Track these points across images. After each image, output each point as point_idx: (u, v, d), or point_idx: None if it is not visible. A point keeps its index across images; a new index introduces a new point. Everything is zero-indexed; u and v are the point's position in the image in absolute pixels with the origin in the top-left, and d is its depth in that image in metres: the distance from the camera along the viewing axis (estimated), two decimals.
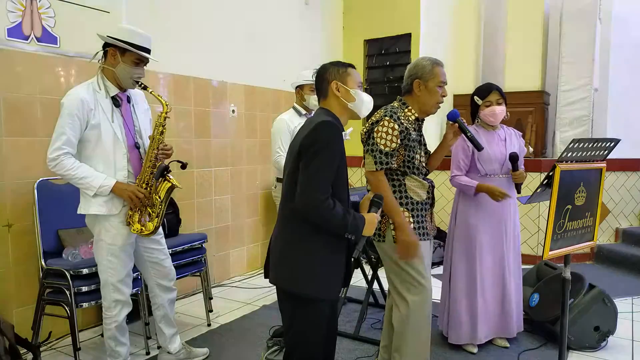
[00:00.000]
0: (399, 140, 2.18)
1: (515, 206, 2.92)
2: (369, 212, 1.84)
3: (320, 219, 1.67)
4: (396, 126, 2.17)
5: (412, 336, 2.25)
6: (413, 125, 2.26)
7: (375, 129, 2.20)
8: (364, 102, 1.87)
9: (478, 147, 2.39)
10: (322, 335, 1.81)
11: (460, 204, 2.90)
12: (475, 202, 2.82)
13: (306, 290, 1.74)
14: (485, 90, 2.84)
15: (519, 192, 2.88)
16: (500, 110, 2.80)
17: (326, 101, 1.87)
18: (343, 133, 1.78)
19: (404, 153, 2.22)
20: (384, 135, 2.17)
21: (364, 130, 2.28)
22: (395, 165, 2.22)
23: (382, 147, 2.17)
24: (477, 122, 2.91)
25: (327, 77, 1.85)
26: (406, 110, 2.27)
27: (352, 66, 1.91)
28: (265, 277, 1.92)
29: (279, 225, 1.85)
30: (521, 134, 3.03)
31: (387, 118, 2.18)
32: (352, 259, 1.86)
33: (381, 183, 2.20)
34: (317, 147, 1.64)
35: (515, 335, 2.96)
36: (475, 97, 2.85)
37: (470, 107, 2.94)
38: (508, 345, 2.95)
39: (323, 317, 1.80)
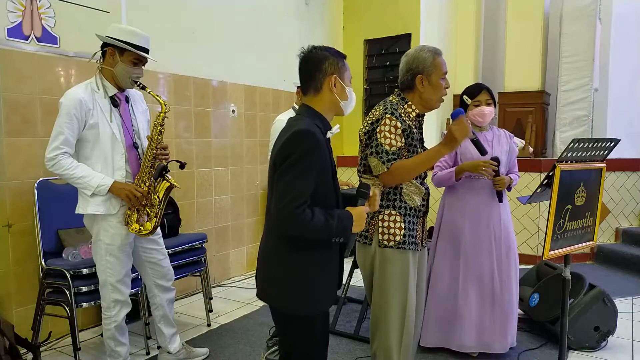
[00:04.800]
0: (402, 139, 2.00)
1: (505, 210, 2.77)
2: (355, 205, 1.64)
3: (299, 232, 1.52)
4: (399, 124, 1.98)
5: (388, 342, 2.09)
6: (414, 123, 2.08)
7: (377, 129, 2.00)
8: (352, 101, 1.69)
9: (482, 152, 2.17)
10: (316, 342, 1.72)
11: (446, 207, 2.80)
12: (460, 202, 2.73)
13: (296, 310, 1.63)
14: (475, 90, 2.76)
15: (500, 201, 2.72)
16: (489, 111, 2.71)
17: (317, 96, 1.64)
18: (329, 132, 1.64)
19: (406, 154, 2.03)
20: (387, 134, 1.98)
21: (363, 130, 2.08)
22: None
23: (387, 147, 1.98)
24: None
25: (324, 68, 1.62)
26: (406, 106, 2.08)
27: (345, 56, 1.71)
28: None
29: (265, 236, 1.71)
30: (512, 135, 2.91)
31: (388, 116, 1.99)
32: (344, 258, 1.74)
33: (397, 175, 1.98)
34: (290, 161, 1.49)
35: (502, 351, 2.74)
36: (465, 97, 2.77)
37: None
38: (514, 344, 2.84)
39: (316, 327, 1.70)
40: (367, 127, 2.07)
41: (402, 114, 2.04)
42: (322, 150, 1.54)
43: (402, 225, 2.04)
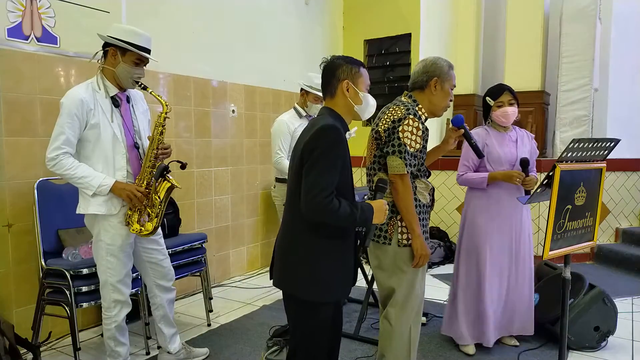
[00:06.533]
0: (422, 141, 2.08)
1: (528, 209, 2.90)
2: (374, 198, 1.80)
3: (327, 220, 1.64)
4: (420, 126, 2.06)
5: (400, 343, 2.15)
6: (424, 126, 2.15)
7: (400, 128, 2.03)
8: (369, 106, 1.83)
9: (479, 155, 2.41)
10: (326, 335, 1.79)
11: (470, 205, 2.88)
12: (485, 202, 2.81)
13: (309, 296, 1.72)
14: (497, 91, 2.83)
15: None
16: (512, 111, 2.80)
17: (333, 100, 1.81)
18: (347, 133, 1.74)
19: (419, 155, 2.12)
20: (409, 135, 2.03)
21: (383, 128, 2.08)
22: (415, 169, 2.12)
23: (408, 147, 2.03)
24: (489, 122, 2.91)
25: (338, 74, 1.78)
26: (417, 108, 2.15)
27: (364, 65, 1.84)
28: (271, 279, 1.90)
29: (283, 228, 1.82)
30: (533, 135, 3.02)
31: (411, 117, 2.04)
32: (360, 252, 1.87)
33: (408, 189, 2.05)
34: (318, 152, 1.62)
35: (517, 334, 2.95)
36: (487, 98, 2.85)
37: (482, 108, 2.95)
38: (518, 343, 2.95)
39: (327, 318, 1.78)
40: (387, 125, 2.08)
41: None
42: (345, 145, 1.68)
43: (420, 223, 2.12)
